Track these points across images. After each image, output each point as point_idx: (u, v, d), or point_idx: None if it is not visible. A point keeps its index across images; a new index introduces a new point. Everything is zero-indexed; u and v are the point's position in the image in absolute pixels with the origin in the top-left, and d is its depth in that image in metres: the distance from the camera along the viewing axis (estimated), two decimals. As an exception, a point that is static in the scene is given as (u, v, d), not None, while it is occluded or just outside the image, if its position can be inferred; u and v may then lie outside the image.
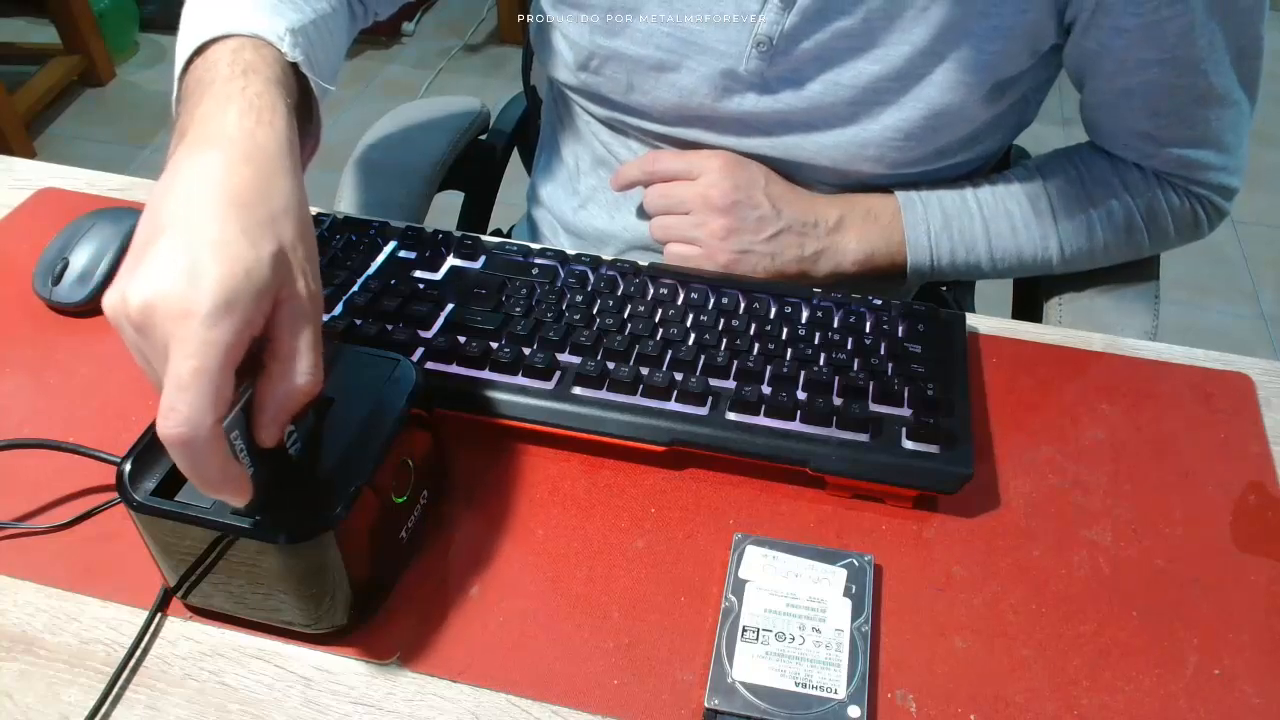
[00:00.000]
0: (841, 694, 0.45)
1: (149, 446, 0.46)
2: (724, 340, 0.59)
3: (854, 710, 0.45)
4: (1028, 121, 0.76)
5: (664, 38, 0.69)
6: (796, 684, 0.45)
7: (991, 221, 0.72)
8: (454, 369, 0.58)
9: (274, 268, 0.41)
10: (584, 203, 0.83)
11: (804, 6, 0.65)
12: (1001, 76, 0.67)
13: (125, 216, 0.68)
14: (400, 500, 0.49)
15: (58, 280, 0.65)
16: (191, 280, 0.39)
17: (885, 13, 0.64)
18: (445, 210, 0.98)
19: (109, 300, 0.41)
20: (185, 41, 0.53)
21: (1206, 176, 0.72)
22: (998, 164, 0.80)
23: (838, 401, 0.56)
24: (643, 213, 0.79)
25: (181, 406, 0.38)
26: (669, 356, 0.58)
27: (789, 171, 0.74)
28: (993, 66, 0.66)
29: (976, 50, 0.65)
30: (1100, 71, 0.67)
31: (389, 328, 0.59)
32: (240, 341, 0.40)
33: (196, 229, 0.41)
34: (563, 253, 0.66)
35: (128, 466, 0.45)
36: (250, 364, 0.42)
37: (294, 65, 0.53)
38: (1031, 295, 0.82)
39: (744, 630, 0.47)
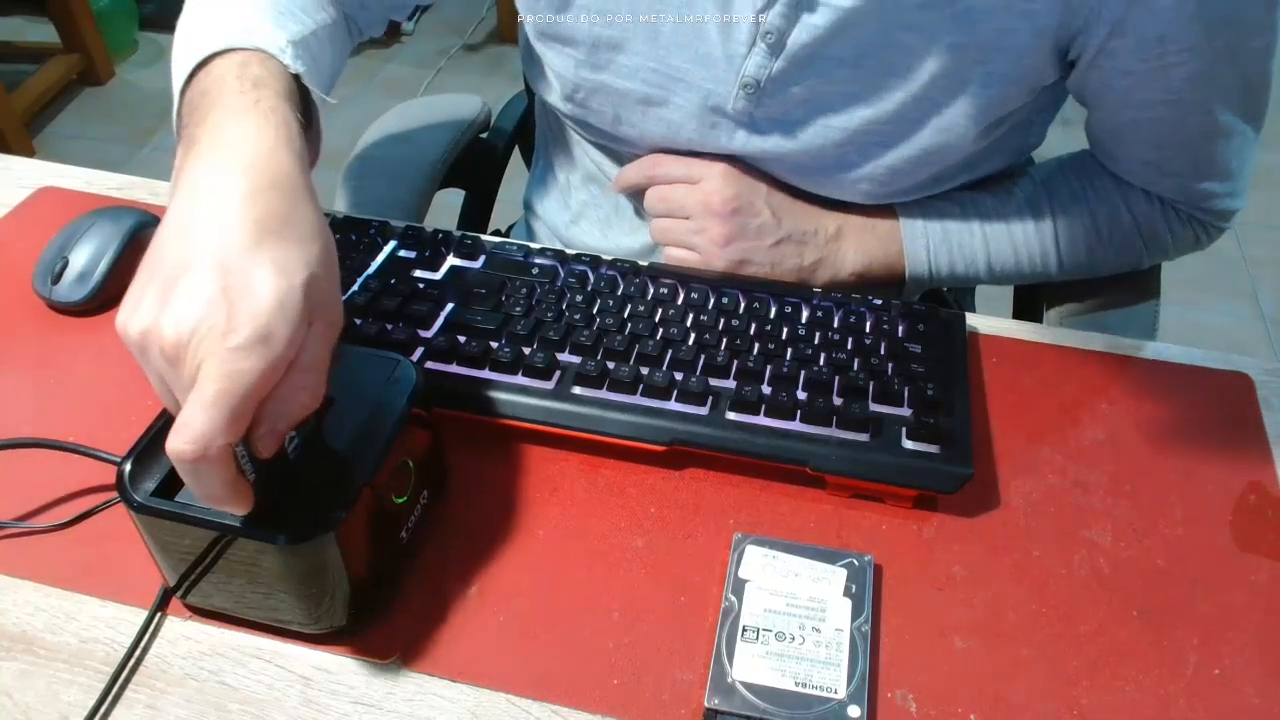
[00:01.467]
0: (841, 694, 0.45)
1: (149, 446, 0.46)
2: (724, 340, 0.59)
3: (854, 710, 0.45)
4: (1032, 144, 0.75)
5: (650, 74, 0.68)
6: (796, 684, 0.45)
7: (992, 239, 0.72)
8: (454, 369, 0.58)
9: (306, 296, 0.41)
10: (576, 218, 0.82)
11: (793, 53, 0.63)
12: (998, 116, 0.66)
13: (125, 216, 0.68)
14: (400, 500, 0.49)
15: (58, 279, 0.65)
16: (230, 315, 0.40)
17: (879, 61, 0.63)
18: (445, 210, 0.98)
19: (134, 324, 0.41)
20: (186, 55, 0.53)
21: (1210, 204, 0.72)
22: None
23: (838, 401, 0.56)
24: (634, 232, 0.79)
25: (197, 424, 0.38)
26: (669, 356, 0.58)
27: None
28: (989, 109, 0.64)
29: (973, 96, 0.63)
30: (1104, 104, 0.67)
31: (389, 328, 0.59)
32: (272, 372, 0.40)
33: (230, 261, 0.41)
34: (563, 252, 0.66)
35: (128, 466, 0.45)
36: None
37: (296, 77, 0.53)
38: (1032, 303, 0.82)
39: (744, 630, 0.47)
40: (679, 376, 0.57)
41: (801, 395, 0.56)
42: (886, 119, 0.65)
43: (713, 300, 0.63)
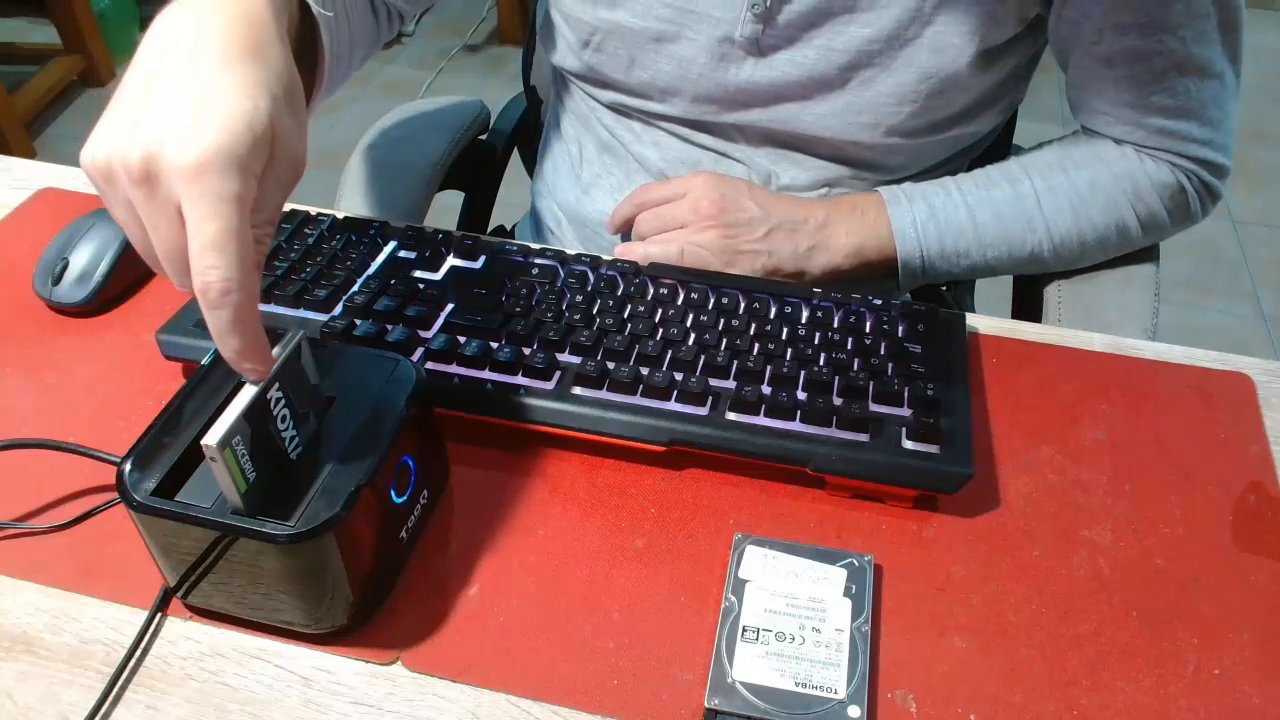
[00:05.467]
0: (841, 694, 0.45)
1: (149, 446, 0.46)
2: (724, 340, 0.59)
3: (854, 710, 0.45)
4: (1018, 100, 0.80)
5: (663, 8, 0.71)
6: (796, 684, 0.45)
7: (976, 210, 0.73)
8: (454, 369, 0.58)
9: (270, 120, 0.42)
10: (588, 189, 0.84)
11: None
12: (990, 44, 0.69)
13: (125, 216, 0.68)
14: (400, 500, 0.49)
15: (58, 280, 0.65)
16: (196, 133, 0.40)
17: None
18: (445, 210, 0.98)
19: (99, 153, 0.41)
20: None
21: (1189, 149, 0.72)
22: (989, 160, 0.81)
23: (838, 401, 0.56)
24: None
25: (221, 265, 0.40)
26: (669, 356, 0.58)
27: (788, 143, 0.76)
28: (981, 31, 0.67)
29: (965, 13, 0.67)
30: (1081, 41, 0.69)
31: (389, 328, 0.59)
32: (250, 193, 0.41)
33: (195, 84, 0.42)
34: (563, 253, 0.66)
35: (128, 466, 0.45)
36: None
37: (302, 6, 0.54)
38: (1031, 291, 0.82)
39: (744, 630, 0.47)
40: (679, 376, 0.57)
41: (801, 395, 0.56)
42: (884, 38, 0.68)
43: (713, 300, 0.63)
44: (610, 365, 0.57)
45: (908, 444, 0.54)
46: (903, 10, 0.67)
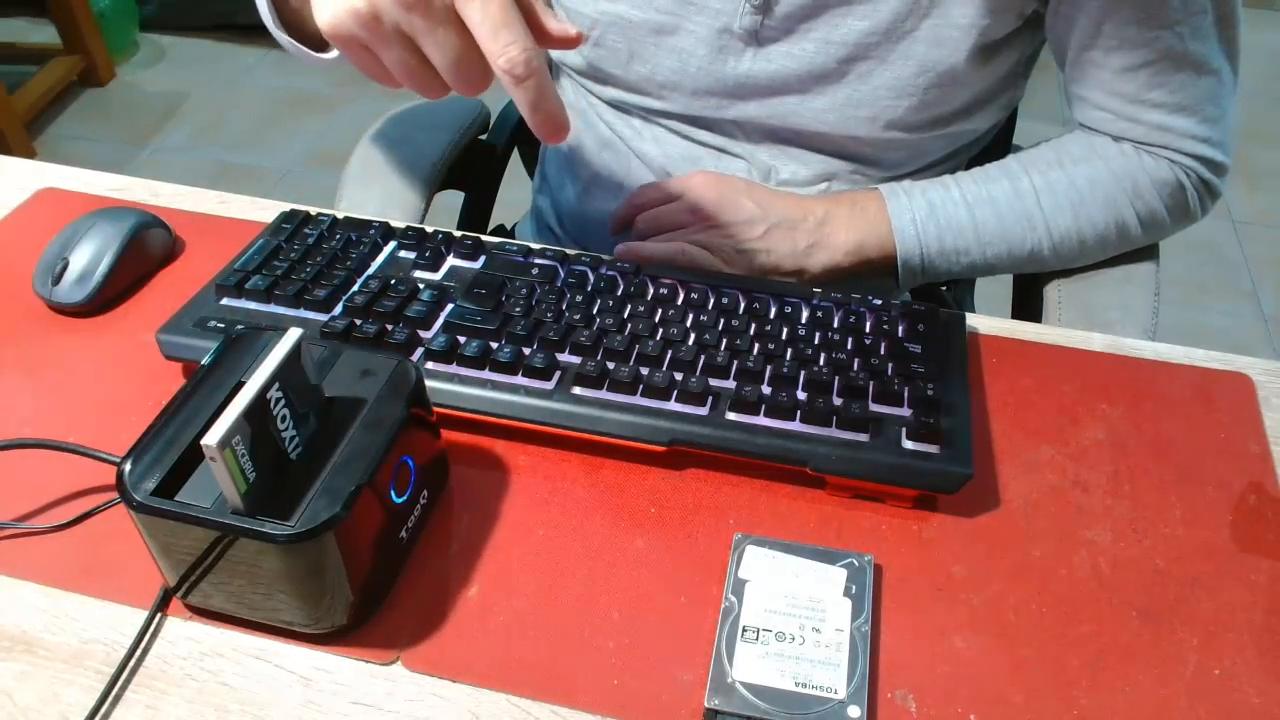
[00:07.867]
0: (841, 694, 0.45)
1: (149, 446, 0.46)
2: (724, 340, 0.59)
3: (854, 710, 0.45)
4: (1017, 98, 0.80)
5: (663, 0, 0.72)
6: (796, 684, 0.45)
7: (976, 207, 0.73)
8: (454, 369, 0.58)
9: None
10: (588, 188, 0.84)
11: None
12: (989, 38, 0.69)
13: (125, 216, 0.68)
14: (400, 500, 0.49)
15: (58, 280, 0.65)
16: None
17: None
18: (445, 210, 0.98)
19: (353, 2, 0.45)
20: None
21: (1187, 145, 0.73)
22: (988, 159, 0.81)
23: (837, 401, 0.56)
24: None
25: (516, 37, 0.44)
26: (669, 356, 0.58)
27: (787, 138, 0.76)
28: (979, 25, 0.68)
29: (963, 6, 0.67)
30: (1078, 37, 0.69)
31: (389, 328, 0.59)
32: None
33: None
34: (563, 252, 0.66)
35: (128, 466, 0.45)
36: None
37: None
38: (1031, 281, 0.82)
39: (744, 630, 0.47)
40: (679, 376, 0.57)
41: (801, 395, 0.56)
42: (881, 30, 0.69)
43: (713, 300, 0.63)
44: (610, 365, 0.57)
45: (908, 444, 0.54)
46: (900, 2, 0.67)
